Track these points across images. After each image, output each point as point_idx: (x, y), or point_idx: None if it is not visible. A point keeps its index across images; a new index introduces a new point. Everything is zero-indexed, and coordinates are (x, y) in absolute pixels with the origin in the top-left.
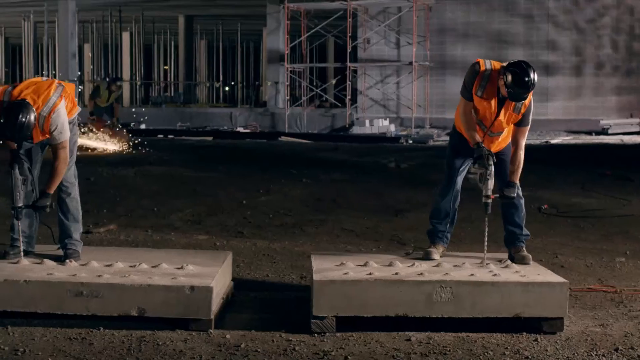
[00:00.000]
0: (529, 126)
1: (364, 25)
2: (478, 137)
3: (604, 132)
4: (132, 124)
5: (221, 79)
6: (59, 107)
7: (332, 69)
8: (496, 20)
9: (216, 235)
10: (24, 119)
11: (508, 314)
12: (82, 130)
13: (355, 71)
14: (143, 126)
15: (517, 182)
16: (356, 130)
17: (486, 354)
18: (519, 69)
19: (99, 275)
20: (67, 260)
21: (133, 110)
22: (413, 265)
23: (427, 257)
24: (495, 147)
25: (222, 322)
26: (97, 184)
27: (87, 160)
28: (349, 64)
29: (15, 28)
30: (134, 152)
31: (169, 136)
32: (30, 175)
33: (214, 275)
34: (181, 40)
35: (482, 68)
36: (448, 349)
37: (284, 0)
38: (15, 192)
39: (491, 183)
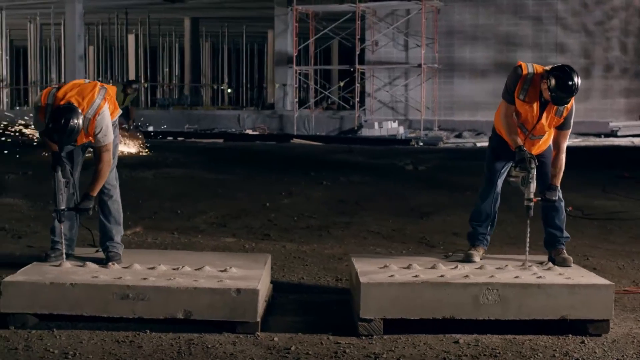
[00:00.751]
0: (570, 129)
1: (372, 27)
2: (519, 141)
3: (613, 134)
4: (147, 126)
5: (226, 80)
6: (104, 109)
7: (338, 71)
8: (504, 22)
9: (243, 238)
10: (72, 123)
11: (554, 316)
12: None
13: (363, 73)
14: (151, 128)
15: (559, 185)
16: (365, 132)
17: (536, 355)
18: (563, 73)
19: (144, 278)
20: (110, 263)
21: (140, 112)
22: (456, 267)
23: (468, 259)
24: (535, 150)
25: (267, 325)
26: None
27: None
28: (357, 66)
29: (19, 30)
30: (148, 154)
31: (179, 138)
32: (72, 178)
33: (259, 278)
34: (187, 43)
35: (525, 72)
36: (498, 351)
37: (292, 2)
38: (57, 195)
39: (533, 186)
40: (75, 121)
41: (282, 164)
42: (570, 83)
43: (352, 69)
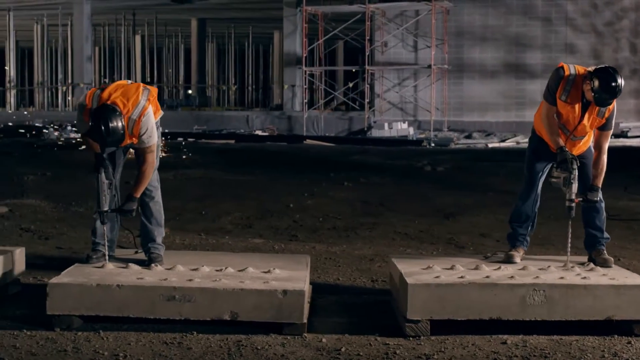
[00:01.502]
0: (612, 130)
1: (382, 28)
2: (561, 141)
3: (623, 134)
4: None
5: (232, 81)
6: (148, 110)
7: (343, 72)
8: (514, 23)
9: (270, 239)
10: (112, 125)
11: (600, 316)
12: None
13: (372, 74)
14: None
15: (600, 185)
16: (375, 133)
17: (585, 356)
18: (607, 75)
19: (190, 280)
20: (153, 265)
21: None
22: (500, 268)
23: (509, 260)
24: (576, 151)
25: (312, 326)
26: None
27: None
28: (367, 67)
29: (25, 31)
30: (168, 155)
31: (189, 139)
32: (114, 179)
33: (304, 279)
34: (194, 44)
35: (567, 73)
36: (547, 351)
37: (301, 3)
38: (101, 196)
39: (575, 187)
40: (115, 123)
41: (299, 165)
42: (613, 84)
43: (354, 70)
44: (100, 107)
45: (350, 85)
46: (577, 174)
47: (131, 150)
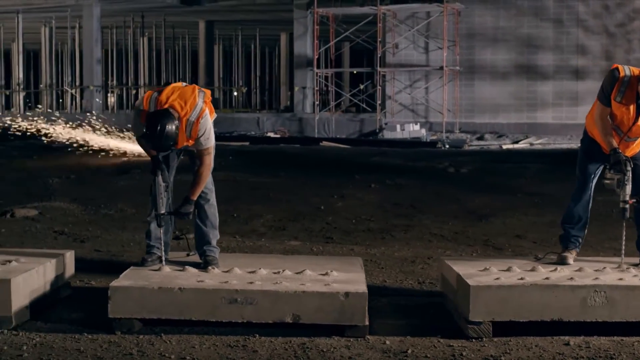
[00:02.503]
0: None
1: (393, 30)
2: (614, 143)
3: None
4: None
5: (240, 83)
6: (206, 112)
7: (349, 74)
8: (525, 24)
9: (306, 241)
10: (168, 128)
11: None
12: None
13: (383, 76)
14: None
15: None
16: (387, 134)
17: None
18: None
19: (251, 282)
20: (209, 267)
21: None
22: (556, 270)
23: (562, 261)
24: (629, 152)
25: (372, 328)
26: None
27: (146, 167)
28: (379, 69)
29: (31, 34)
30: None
31: None
32: (170, 182)
33: (363, 281)
34: (201, 46)
35: (622, 74)
36: (611, 353)
37: (311, 5)
38: (158, 199)
39: (629, 188)
40: (171, 126)
41: (321, 167)
42: None
43: (356, 72)
44: (156, 112)
45: (362, 87)
46: (630, 175)
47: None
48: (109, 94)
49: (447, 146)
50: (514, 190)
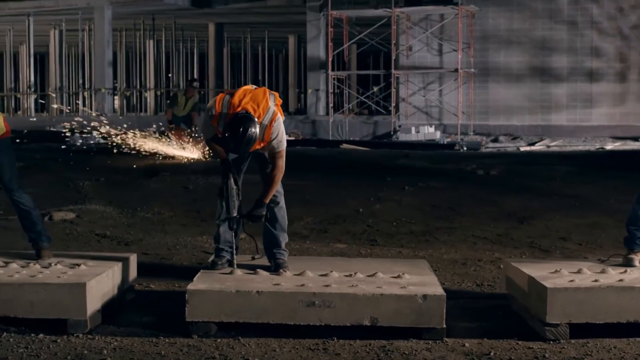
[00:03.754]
0: None
1: (407, 32)
2: None
3: None
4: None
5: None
6: (279, 115)
7: (357, 76)
8: (539, 26)
9: (351, 244)
10: (250, 132)
11: None
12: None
13: (397, 78)
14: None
15: None
16: (402, 137)
17: None
18: None
19: (327, 285)
20: (281, 270)
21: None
22: (626, 272)
23: (628, 263)
24: None
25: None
26: (197, 192)
27: (173, 169)
28: (393, 71)
29: (39, 36)
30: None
31: None
32: (240, 185)
33: (437, 283)
34: (211, 48)
35: None
36: None
37: (325, 7)
38: (230, 202)
39: None
40: (253, 130)
41: (350, 169)
42: None
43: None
44: (236, 115)
45: (375, 89)
46: None
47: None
48: (115, 97)
49: (465, 148)
50: (548, 192)
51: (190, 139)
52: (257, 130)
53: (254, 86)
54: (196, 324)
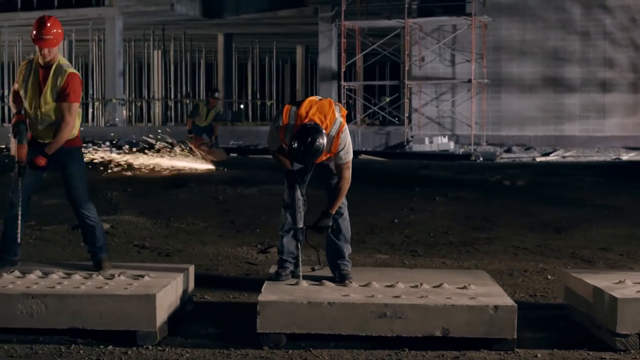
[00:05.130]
0: None
1: (419, 42)
2: None
3: None
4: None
5: (258, 96)
6: (345, 126)
7: (363, 87)
8: (552, 37)
9: (392, 254)
10: (318, 143)
11: None
12: (181, 148)
13: (410, 88)
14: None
15: None
16: (415, 147)
17: None
18: None
19: (397, 296)
20: (346, 281)
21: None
22: None
23: None
24: None
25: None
26: (227, 202)
27: (198, 180)
28: (406, 81)
29: None
30: (225, 170)
31: (232, 154)
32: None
33: (505, 294)
34: (220, 59)
35: None
36: None
37: (336, 18)
38: (296, 213)
39: None
40: (321, 141)
41: (375, 180)
42: None
43: (379, 85)
44: (305, 126)
45: (388, 99)
46: None
47: None
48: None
49: (481, 159)
50: (579, 203)
51: (209, 149)
52: (325, 141)
53: (318, 97)
54: (267, 335)
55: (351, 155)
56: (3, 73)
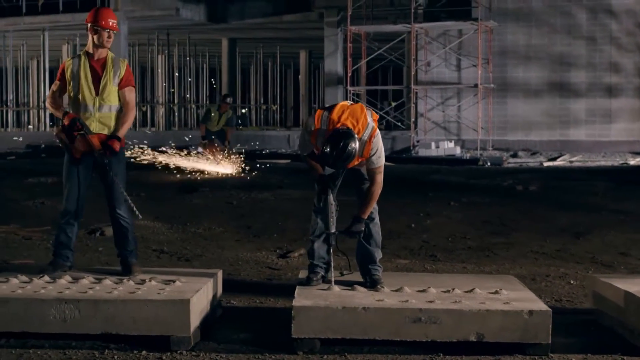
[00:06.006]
0: None
1: (425, 47)
2: None
3: None
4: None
5: (262, 100)
6: (378, 131)
7: (366, 92)
8: (558, 42)
9: (412, 259)
10: (350, 148)
11: None
12: (194, 153)
13: (416, 93)
14: (200, 149)
15: None
16: (421, 152)
17: None
18: None
19: (431, 301)
20: (378, 286)
21: (189, 133)
22: None
23: None
24: None
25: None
26: (242, 207)
27: (211, 185)
28: (413, 86)
29: (51, 51)
30: (243, 175)
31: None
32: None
33: (537, 299)
34: (224, 64)
35: None
36: None
37: (342, 23)
38: (329, 218)
39: None
40: (353, 145)
41: (388, 184)
42: None
43: (384, 90)
44: (337, 130)
45: (393, 104)
46: None
47: None
48: None
49: (489, 164)
50: (594, 208)
51: (224, 154)
52: (357, 145)
53: (350, 102)
54: (301, 340)
55: (383, 160)
56: (7, 77)
